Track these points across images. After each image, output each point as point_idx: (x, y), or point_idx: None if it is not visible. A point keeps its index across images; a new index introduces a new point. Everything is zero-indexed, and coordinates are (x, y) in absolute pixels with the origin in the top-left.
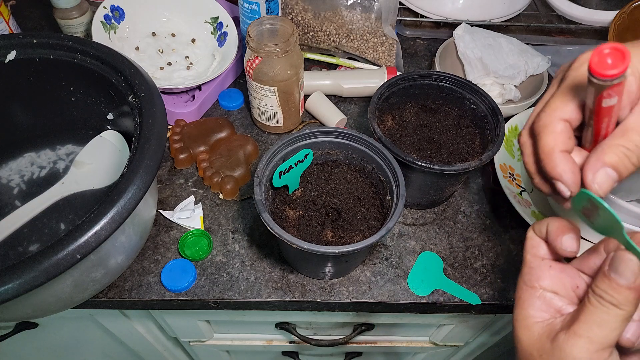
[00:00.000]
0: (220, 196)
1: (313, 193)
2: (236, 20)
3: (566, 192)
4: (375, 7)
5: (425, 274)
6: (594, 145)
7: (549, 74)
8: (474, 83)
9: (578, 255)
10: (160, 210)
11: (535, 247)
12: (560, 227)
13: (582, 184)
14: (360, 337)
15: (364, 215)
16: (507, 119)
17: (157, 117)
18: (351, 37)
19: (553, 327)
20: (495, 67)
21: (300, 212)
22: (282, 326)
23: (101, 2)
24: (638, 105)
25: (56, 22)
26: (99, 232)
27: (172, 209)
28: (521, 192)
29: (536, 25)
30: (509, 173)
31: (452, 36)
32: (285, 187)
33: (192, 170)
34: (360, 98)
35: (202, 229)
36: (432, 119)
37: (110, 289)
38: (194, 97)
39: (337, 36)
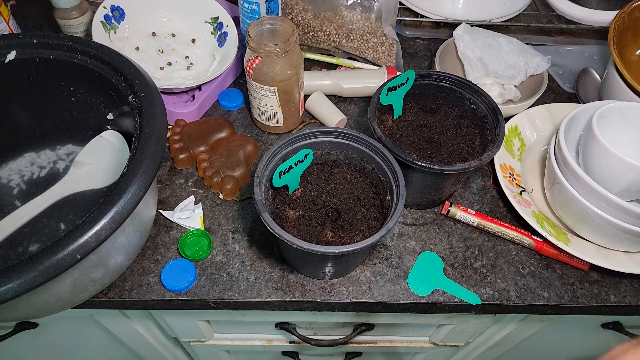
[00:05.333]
0: (220, 196)
1: (313, 193)
2: (236, 20)
3: None
4: (375, 7)
5: (425, 274)
6: None
7: (549, 74)
8: (474, 83)
9: None
10: (160, 210)
11: None
12: None
13: None
14: (360, 337)
15: (364, 215)
16: (507, 119)
17: (157, 117)
18: (351, 37)
19: None
20: (495, 67)
21: (300, 212)
22: (282, 326)
23: (101, 2)
24: None
25: (56, 22)
26: (99, 232)
27: (172, 209)
28: (521, 192)
29: (536, 25)
30: (509, 173)
31: (452, 36)
32: (285, 187)
33: (192, 170)
34: (360, 98)
35: (202, 229)
36: (432, 119)
37: (110, 289)
38: (194, 97)
39: (337, 36)
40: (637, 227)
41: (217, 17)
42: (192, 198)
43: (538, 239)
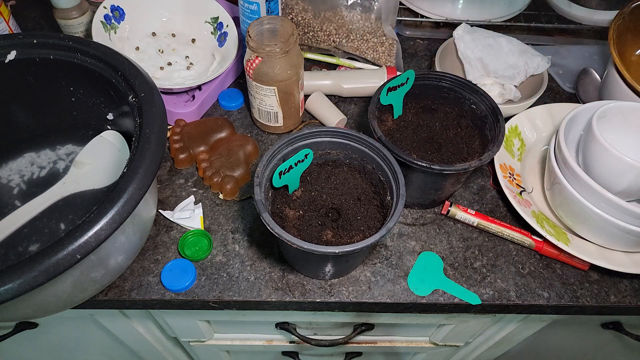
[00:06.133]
0: (220, 196)
1: (313, 193)
2: (236, 20)
3: None
4: (375, 7)
5: (425, 274)
6: None
7: (549, 74)
8: (474, 83)
9: None
10: (160, 210)
11: None
12: None
13: None
14: (360, 337)
15: (364, 215)
16: (507, 119)
17: (157, 117)
18: (351, 37)
19: None
20: (495, 67)
21: (300, 212)
22: (282, 326)
23: (101, 2)
24: None
25: (56, 22)
26: (99, 232)
27: (172, 209)
28: (521, 192)
29: (536, 25)
30: (509, 173)
31: (452, 36)
32: (285, 187)
33: (192, 170)
34: (360, 98)
35: (202, 229)
36: (432, 119)
37: (110, 289)
38: (194, 97)
39: (337, 36)
40: (637, 227)
41: (217, 17)
42: (192, 198)
43: (538, 239)
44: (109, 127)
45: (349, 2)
